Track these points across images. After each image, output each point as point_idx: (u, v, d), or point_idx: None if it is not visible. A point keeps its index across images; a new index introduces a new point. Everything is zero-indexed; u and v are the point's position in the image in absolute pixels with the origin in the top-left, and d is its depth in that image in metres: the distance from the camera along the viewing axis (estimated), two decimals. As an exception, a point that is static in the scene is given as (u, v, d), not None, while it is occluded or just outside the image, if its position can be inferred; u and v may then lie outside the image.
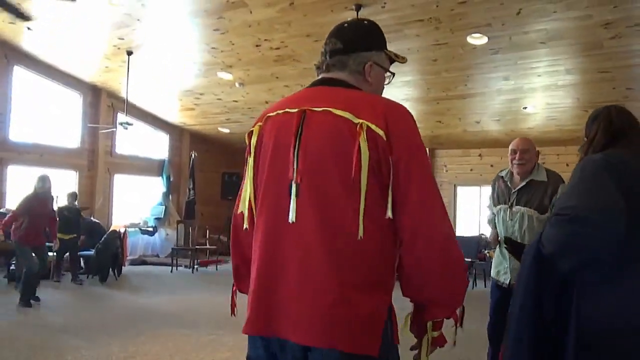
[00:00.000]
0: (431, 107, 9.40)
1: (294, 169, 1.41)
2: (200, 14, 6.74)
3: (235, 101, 10.19)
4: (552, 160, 10.78)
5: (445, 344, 1.47)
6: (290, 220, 1.40)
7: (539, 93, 8.23)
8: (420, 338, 1.46)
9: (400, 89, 8.58)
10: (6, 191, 9.61)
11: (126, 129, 9.42)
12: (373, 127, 1.36)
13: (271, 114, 1.55)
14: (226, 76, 8.85)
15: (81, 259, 9.14)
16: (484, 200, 11.67)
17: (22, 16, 6.32)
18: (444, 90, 8.53)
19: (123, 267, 9.64)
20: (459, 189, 12.09)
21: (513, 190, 3.43)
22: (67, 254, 8.71)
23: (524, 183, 3.40)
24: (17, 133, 9.82)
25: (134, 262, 10.93)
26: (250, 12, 6.51)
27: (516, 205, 3.37)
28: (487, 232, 11.19)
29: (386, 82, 1.67)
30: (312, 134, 1.42)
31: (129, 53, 8.30)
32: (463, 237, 9.63)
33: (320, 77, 1.61)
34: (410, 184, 1.36)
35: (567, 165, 10.59)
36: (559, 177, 3.41)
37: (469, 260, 9.55)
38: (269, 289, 1.43)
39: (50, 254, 7.76)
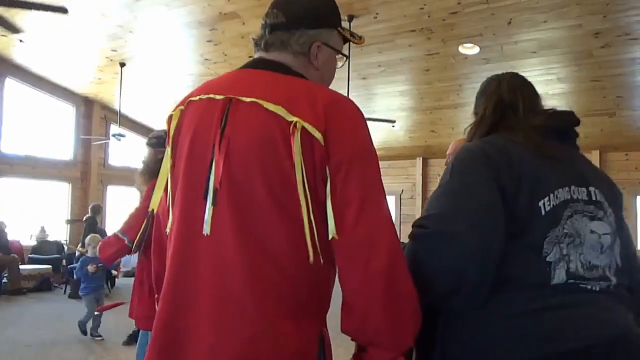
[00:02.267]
0: (425, 116, 9.44)
1: (212, 171, 1.14)
2: (193, 25, 6.76)
3: (229, 112, 10.18)
4: (545, 168, 10.82)
5: None
6: (204, 232, 1.13)
7: (530, 102, 8.27)
8: None
9: (394, 99, 8.61)
10: (-2, 204, 9.55)
11: (119, 140, 9.40)
12: (309, 128, 1.09)
13: (194, 98, 1.26)
14: (219, 87, 8.84)
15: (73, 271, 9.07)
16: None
17: (12, 28, 6.29)
18: (437, 100, 8.57)
19: (117, 280, 9.58)
20: (453, 198, 12.14)
21: None
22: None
23: None
24: (10, 145, 9.77)
25: (127, 275, 10.86)
26: (243, 24, 6.53)
27: None
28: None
29: (338, 66, 1.42)
30: (237, 131, 1.14)
31: (122, 65, 8.30)
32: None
33: (257, 56, 1.32)
34: (346, 196, 1.08)
35: (560, 173, 10.65)
36: None
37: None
38: (178, 314, 1.15)
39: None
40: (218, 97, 1.20)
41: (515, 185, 1.17)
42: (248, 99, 1.16)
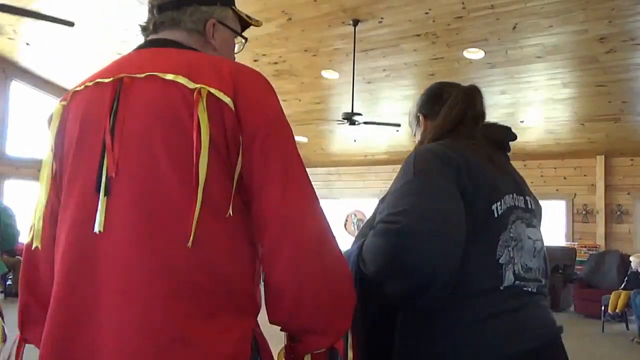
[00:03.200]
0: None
1: (103, 158, 0.99)
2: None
3: (233, 115, 10.21)
4: (550, 173, 10.81)
5: None
6: (96, 230, 0.96)
7: (535, 107, 8.27)
8: None
9: (398, 103, 8.61)
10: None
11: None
12: (216, 92, 0.98)
13: (78, 89, 1.12)
14: (224, 91, 8.88)
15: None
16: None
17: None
18: (441, 104, 8.57)
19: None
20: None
21: None
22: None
23: None
24: (15, 148, 9.81)
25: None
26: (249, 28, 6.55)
27: None
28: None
29: (237, 50, 1.31)
30: (132, 108, 1.01)
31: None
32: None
33: (147, 38, 1.20)
34: (267, 169, 0.98)
35: (565, 178, 10.64)
36: None
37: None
38: (70, 334, 0.96)
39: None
40: (107, 80, 1.06)
41: (474, 188, 1.20)
42: (142, 75, 1.03)
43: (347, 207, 13.48)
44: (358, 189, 13.14)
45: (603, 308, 7.06)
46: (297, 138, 11.16)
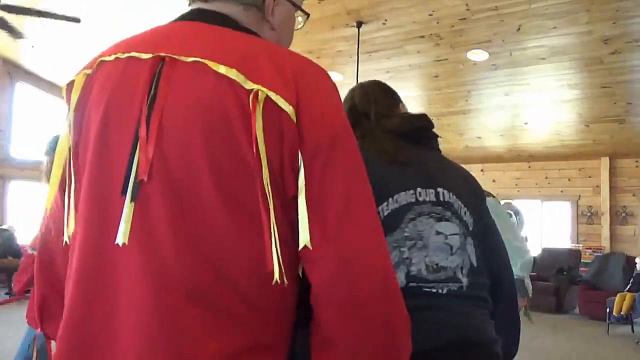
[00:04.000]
0: (433, 122, 9.42)
1: (135, 157, 0.82)
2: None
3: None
4: (554, 175, 10.80)
5: None
6: (119, 241, 0.79)
7: (540, 108, 8.25)
8: None
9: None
10: (7, 207, 9.62)
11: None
12: (277, 98, 0.80)
13: (107, 58, 0.91)
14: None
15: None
16: (486, 215, 11.65)
17: (15, 33, 6.28)
18: (445, 106, 8.56)
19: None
20: (461, 204, 12.12)
21: None
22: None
23: None
24: (19, 149, 9.85)
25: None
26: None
27: None
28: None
29: (297, 27, 1.10)
30: (175, 101, 0.83)
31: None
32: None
33: (194, 7, 0.98)
34: (327, 193, 0.80)
35: (569, 180, 10.62)
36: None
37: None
38: (86, 354, 0.82)
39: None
40: (144, 55, 0.87)
41: None
42: (189, 59, 0.84)
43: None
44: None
45: (608, 310, 7.03)
46: (301, 140, 11.21)
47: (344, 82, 7.78)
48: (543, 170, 10.97)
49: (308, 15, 1.09)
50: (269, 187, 0.79)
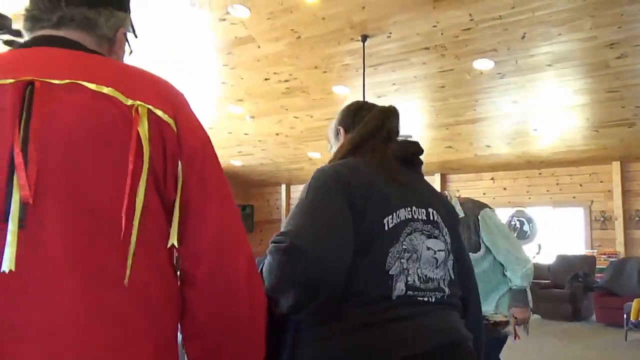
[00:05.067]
0: (440, 132, 9.43)
1: (11, 180, 0.80)
2: (209, 50, 6.87)
3: (246, 134, 10.29)
4: (566, 181, 10.74)
5: None
6: (4, 269, 0.77)
7: (548, 115, 8.24)
8: None
9: (409, 116, 8.63)
10: None
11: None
12: (158, 111, 0.88)
13: None
14: (237, 110, 8.97)
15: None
16: (498, 224, 11.57)
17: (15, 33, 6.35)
18: (453, 116, 8.57)
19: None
20: (473, 214, 12.05)
21: None
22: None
23: None
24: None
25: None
26: (259, 47, 6.62)
27: None
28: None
29: (127, 55, 1.18)
30: (53, 122, 0.83)
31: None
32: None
33: (44, 33, 0.98)
34: (207, 198, 0.91)
35: (581, 185, 10.55)
36: (475, 205, 3.08)
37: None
38: None
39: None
40: (6, 81, 0.85)
41: (364, 202, 1.27)
42: (62, 81, 0.86)
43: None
44: (372, 203, 13.10)
45: (625, 316, 6.95)
46: (311, 154, 11.23)
47: (351, 95, 7.82)
48: (554, 177, 10.91)
49: (131, 51, 1.19)
50: (143, 191, 0.85)
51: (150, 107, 0.88)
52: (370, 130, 1.49)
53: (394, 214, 1.30)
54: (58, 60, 0.91)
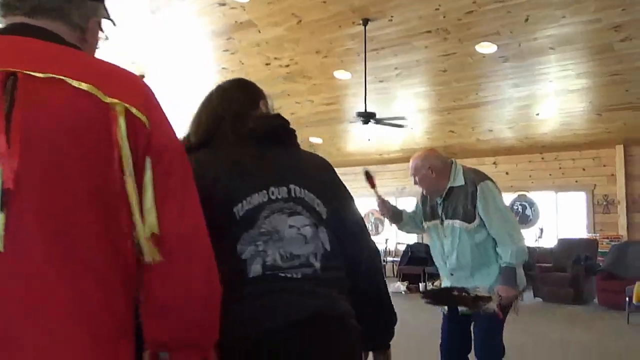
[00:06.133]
0: (443, 117, 9.39)
1: None
2: (209, 35, 6.83)
3: (247, 120, 10.28)
4: (568, 165, 10.71)
5: None
6: None
7: (551, 98, 8.19)
8: None
9: (411, 100, 8.59)
10: None
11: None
12: (133, 110, 0.93)
13: None
14: (237, 95, 8.95)
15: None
16: (500, 208, 11.57)
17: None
18: (455, 100, 8.53)
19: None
20: (475, 198, 12.05)
21: (439, 202, 3.04)
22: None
23: (444, 193, 3.00)
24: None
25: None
26: (259, 32, 6.58)
27: (445, 219, 2.98)
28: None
29: (100, 40, 1.17)
30: (36, 114, 0.88)
31: (142, 76, 8.38)
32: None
33: (15, 20, 1.01)
34: (170, 191, 0.98)
35: (584, 169, 10.53)
36: (476, 175, 2.98)
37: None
38: None
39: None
40: None
41: (210, 194, 1.24)
42: (44, 75, 0.89)
43: (364, 207, 13.47)
44: (374, 188, 13.10)
45: (627, 299, 6.96)
46: (312, 139, 11.21)
47: (353, 80, 7.79)
48: (556, 161, 10.88)
49: (107, 37, 1.18)
50: (132, 183, 0.93)
51: (127, 105, 0.93)
52: (211, 116, 1.45)
53: (244, 201, 1.31)
54: (37, 52, 0.95)
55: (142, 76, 8.29)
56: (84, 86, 0.90)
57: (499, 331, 2.91)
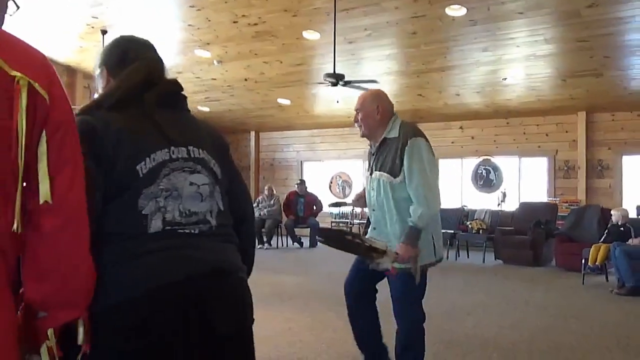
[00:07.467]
0: (412, 80, 9.38)
1: None
2: (174, -10, 6.60)
3: (214, 79, 10.06)
4: (532, 130, 10.90)
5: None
6: None
7: (518, 64, 8.25)
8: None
9: (380, 63, 8.54)
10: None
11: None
12: (36, 85, 0.99)
13: None
14: (204, 54, 8.72)
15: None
16: (465, 172, 11.75)
17: None
18: (424, 63, 8.51)
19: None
20: (441, 162, 12.17)
21: (372, 152, 3.00)
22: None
23: (377, 144, 2.95)
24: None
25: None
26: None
27: (375, 170, 2.92)
28: (468, 203, 11.34)
29: (10, 13, 1.21)
30: None
31: (104, 32, 8.11)
32: (445, 209, 9.71)
33: None
34: (61, 163, 1.05)
35: (547, 135, 10.73)
36: (411, 130, 2.88)
37: (451, 231, 9.64)
38: None
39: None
40: None
41: (114, 153, 1.31)
42: None
43: (332, 169, 13.49)
44: (341, 150, 13.13)
45: (583, 261, 7.22)
46: (280, 100, 11.08)
47: (321, 41, 7.67)
48: (521, 126, 11.06)
49: (18, 7, 1.21)
50: (23, 159, 0.98)
51: (31, 80, 0.97)
52: (135, 83, 1.47)
53: (148, 158, 1.35)
54: None
55: (104, 32, 7.95)
56: None
57: (415, 297, 2.85)
